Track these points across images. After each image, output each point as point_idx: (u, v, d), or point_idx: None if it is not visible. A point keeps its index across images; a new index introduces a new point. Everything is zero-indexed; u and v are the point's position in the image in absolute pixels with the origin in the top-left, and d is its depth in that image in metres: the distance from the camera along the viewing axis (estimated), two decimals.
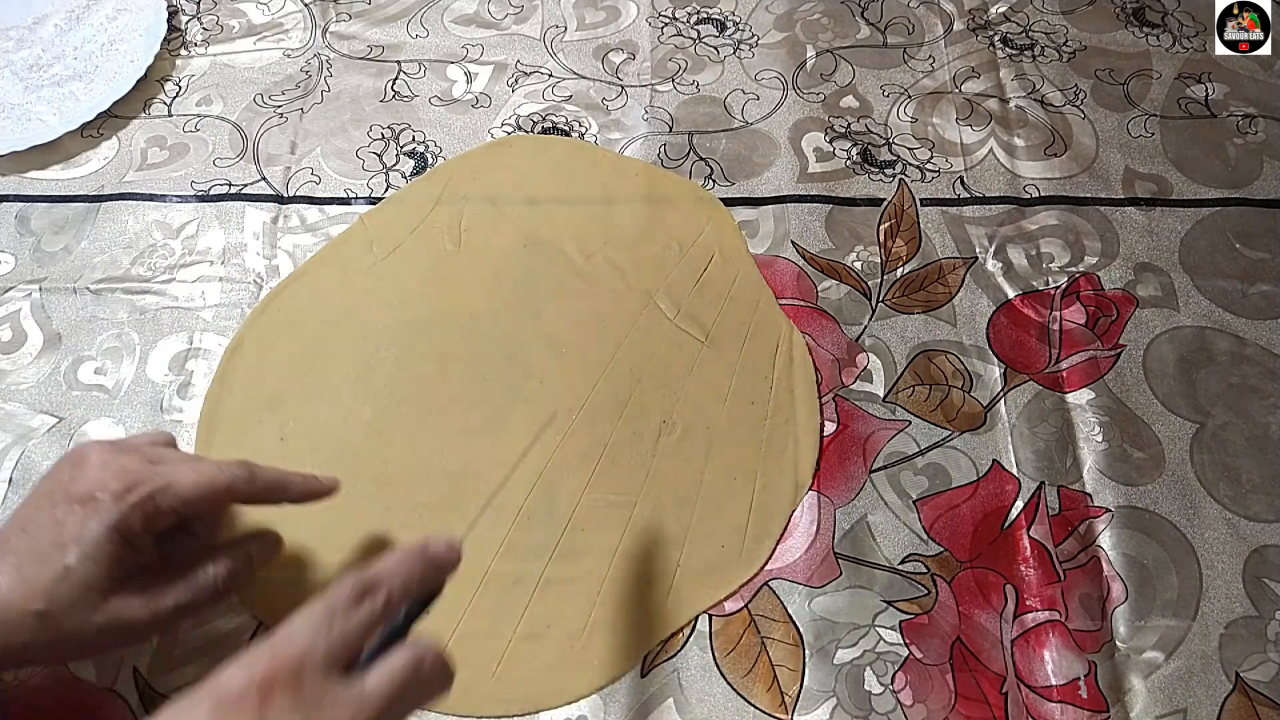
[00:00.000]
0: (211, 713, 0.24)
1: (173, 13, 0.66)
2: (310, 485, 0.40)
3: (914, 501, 0.47)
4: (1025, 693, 0.42)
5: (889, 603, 0.44)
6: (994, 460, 0.48)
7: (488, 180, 0.58)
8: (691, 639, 0.43)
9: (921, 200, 0.57)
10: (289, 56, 0.64)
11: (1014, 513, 0.46)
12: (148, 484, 0.34)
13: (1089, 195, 0.58)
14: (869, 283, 0.54)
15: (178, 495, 0.34)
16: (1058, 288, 0.54)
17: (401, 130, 0.60)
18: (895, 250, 0.55)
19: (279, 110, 0.61)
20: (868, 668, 0.42)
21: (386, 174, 0.58)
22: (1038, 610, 0.44)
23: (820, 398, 0.50)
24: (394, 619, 0.31)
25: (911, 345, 0.52)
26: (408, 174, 0.58)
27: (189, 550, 0.38)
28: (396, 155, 0.59)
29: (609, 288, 0.53)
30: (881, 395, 0.50)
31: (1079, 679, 0.42)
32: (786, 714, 0.41)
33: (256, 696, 0.24)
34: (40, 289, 0.53)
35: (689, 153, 0.60)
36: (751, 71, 0.64)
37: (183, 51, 0.64)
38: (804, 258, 0.55)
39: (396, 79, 0.63)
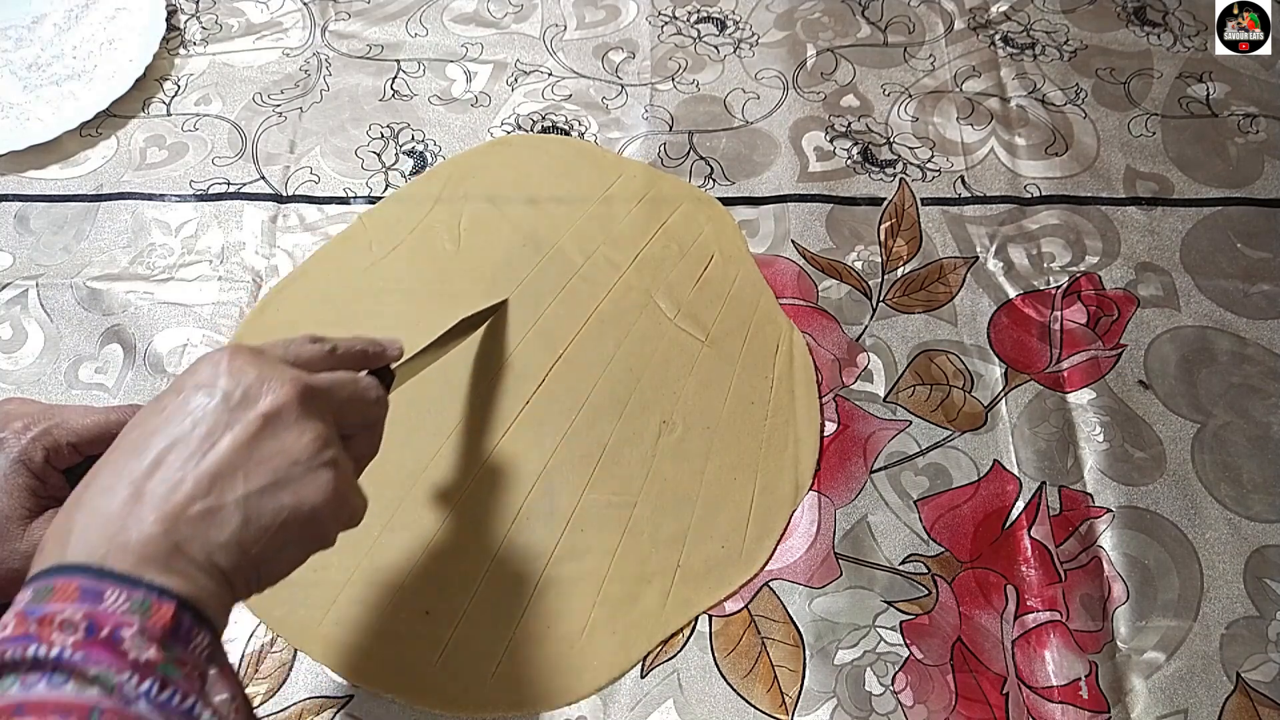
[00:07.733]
0: (198, 361, 0.32)
1: (171, 12, 0.65)
2: None
3: (915, 502, 0.47)
4: (1026, 693, 0.42)
5: (889, 603, 0.44)
6: (995, 460, 0.48)
7: (487, 179, 0.58)
8: (691, 639, 0.43)
9: (922, 199, 0.57)
10: (288, 55, 0.64)
11: (1015, 513, 0.46)
12: (45, 421, 0.39)
13: (1090, 195, 0.57)
14: (869, 282, 0.54)
15: (72, 429, 0.40)
16: (1059, 287, 0.54)
17: (401, 129, 0.60)
18: (896, 250, 0.55)
19: (278, 109, 0.61)
20: (868, 668, 0.42)
21: (386, 173, 0.58)
22: (1039, 610, 0.44)
23: (820, 398, 0.50)
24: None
25: (912, 345, 0.52)
26: (407, 173, 0.58)
27: None
28: (396, 154, 0.59)
29: (609, 288, 0.53)
30: (882, 395, 0.50)
31: (1080, 679, 0.42)
32: (787, 715, 0.41)
33: (226, 355, 0.31)
34: (39, 287, 0.53)
35: (689, 152, 0.59)
36: (752, 70, 0.64)
37: (181, 51, 0.64)
38: (804, 257, 0.55)
39: (396, 78, 0.63)
